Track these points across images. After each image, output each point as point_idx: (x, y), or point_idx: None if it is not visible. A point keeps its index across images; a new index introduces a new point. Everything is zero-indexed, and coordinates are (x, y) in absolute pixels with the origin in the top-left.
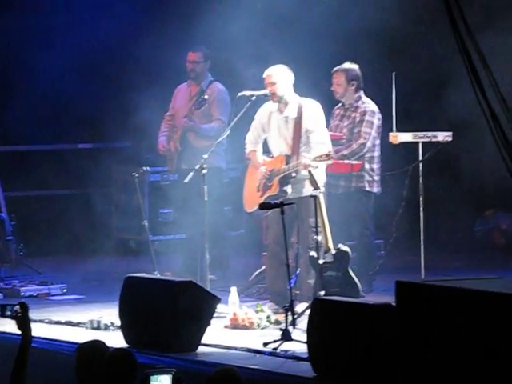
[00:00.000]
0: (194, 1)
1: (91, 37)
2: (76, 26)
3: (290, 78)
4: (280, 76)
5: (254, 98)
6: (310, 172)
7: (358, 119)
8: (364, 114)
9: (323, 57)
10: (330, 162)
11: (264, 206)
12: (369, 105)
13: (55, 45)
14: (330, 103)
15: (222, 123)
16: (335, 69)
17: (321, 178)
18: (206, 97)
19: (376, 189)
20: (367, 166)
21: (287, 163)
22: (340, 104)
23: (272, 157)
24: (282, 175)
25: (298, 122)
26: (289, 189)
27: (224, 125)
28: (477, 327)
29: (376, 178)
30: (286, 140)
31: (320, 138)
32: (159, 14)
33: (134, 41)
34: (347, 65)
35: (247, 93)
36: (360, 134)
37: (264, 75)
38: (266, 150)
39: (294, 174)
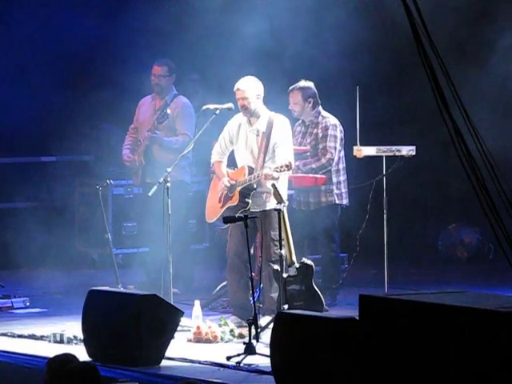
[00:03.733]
0: (160, 13)
1: (55, 51)
2: (38, 38)
3: (260, 90)
4: (252, 90)
5: (218, 111)
6: (274, 186)
7: (320, 135)
8: (326, 128)
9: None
10: (290, 172)
11: (228, 220)
12: (329, 119)
13: (19, 58)
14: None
15: (186, 137)
16: (291, 88)
17: (283, 192)
18: (168, 111)
19: (345, 200)
20: (334, 179)
21: (250, 175)
22: (300, 121)
23: (235, 169)
24: (243, 186)
25: (267, 136)
26: (249, 200)
27: (189, 139)
28: (440, 341)
29: (344, 189)
30: (253, 152)
31: (284, 152)
32: (123, 26)
33: (97, 54)
34: (302, 83)
35: (211, 106)
36: (326, 149)
37: (235, 88)
38: (232, 164)
39: (255, 186)
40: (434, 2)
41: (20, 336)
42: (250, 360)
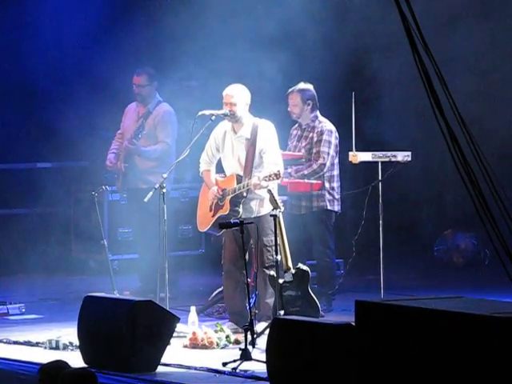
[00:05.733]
0: (147, 19)
1: (49, 55)
2: (34, 43)
3: (248, 98)
4: (240, 96)
5: (213, 117)
6: (269, 191)
7: (315, 139)
8: (321, 133)
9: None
10: (278, 181)
11: (224, 226)
12: (325, 124)
13: (13, 61)
14: (286, 123)
15: (165, 145)
16: (290, 90)
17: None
18: (143, 124)
19: (337, 207)
20: (327, 184)
21: (239, 183)
22: (297, 124)
23: (224, 176)
24: (233, 195)
25: (252, 142)
26: (240, 208)
27: (168, 147)
28: (436, 347)
29: (336, 196)
30: (240, 160)
31: (273, 158)
32: (115, 31)
33: (91, 60)
34: (302, 85)
35: (207, 112)
36: (319, 153)
37: (223, 93)
38: (220, 170)
39: (245, 194)
40: None
41: (15, 342)
42: (246, 366)
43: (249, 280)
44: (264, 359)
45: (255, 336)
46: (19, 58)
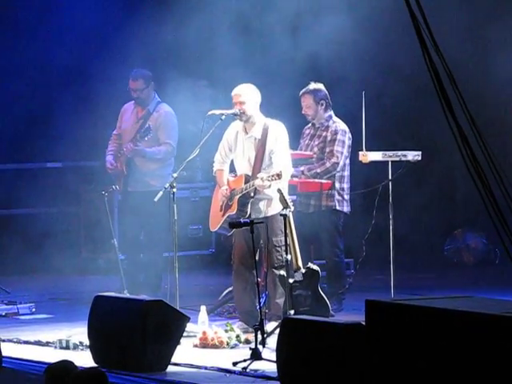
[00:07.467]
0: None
1: (58, 56)
2: (43, 45)
3: (258, 97)
4: (249, 95)
5: (223, 116)
6: (279, 190)
7: (329, 138)
8: (335, 133)
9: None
10: (280, 181)
11: (234, 225)
12: (339, 124)
13: (22, 63)
14: (299, 123)
15: (169, 146)
16: (302, 91)
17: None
18: (150, 125)
19: (346, 208)
20: (337, 185)
21: (247, 183)
22: (310, 124)
23: (235, 176)
24: (240, 195)
25: (262, 143)
26: (248, 209)
27: (172, 148)
28: (446, 346)
29: (346, 197)
30: (250, 160)
31: (282, 159)
32: (129, 31)
33: (105, 60)
34: (313, 85)
35: (217, 111)
36: (333, 152)
37: (232, 93)
38: (234, 170)
39: (252, 194)
40: None
41: (26, 342)
42: (256, 365)
43: (259, 280)
44: (274, 359)
45: (265, 335)
46: (27, 59)
